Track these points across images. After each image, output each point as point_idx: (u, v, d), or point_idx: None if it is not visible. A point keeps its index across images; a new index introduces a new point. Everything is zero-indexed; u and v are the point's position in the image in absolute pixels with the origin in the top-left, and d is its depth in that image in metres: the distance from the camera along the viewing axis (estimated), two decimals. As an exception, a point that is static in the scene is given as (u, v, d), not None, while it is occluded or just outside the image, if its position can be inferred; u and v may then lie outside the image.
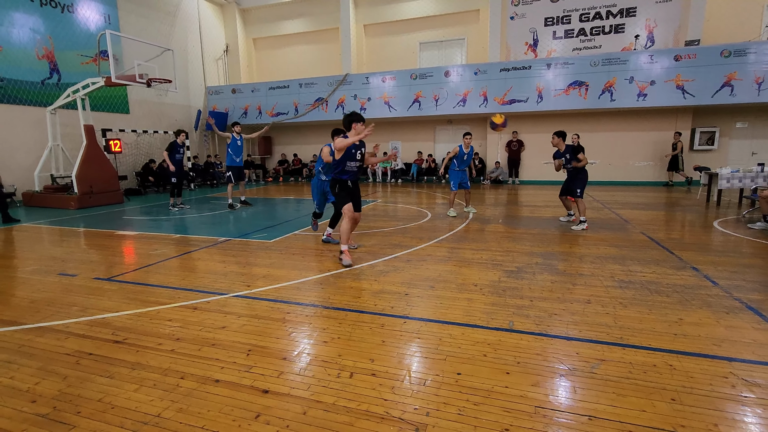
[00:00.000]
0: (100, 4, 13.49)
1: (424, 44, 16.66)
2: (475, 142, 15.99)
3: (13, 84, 11.30)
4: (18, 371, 2.60)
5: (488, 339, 2.93)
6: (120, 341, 3.00)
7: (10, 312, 3.61)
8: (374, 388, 2.36)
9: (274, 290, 4.03)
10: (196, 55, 17.37)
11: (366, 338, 2.98)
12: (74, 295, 4.01)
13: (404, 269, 4.65)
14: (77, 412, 2.18)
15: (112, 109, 13.93)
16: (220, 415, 2.13)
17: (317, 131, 18.30)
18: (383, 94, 15.23)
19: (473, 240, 6.06)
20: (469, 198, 8.77)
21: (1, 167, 10.82)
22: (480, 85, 13.98)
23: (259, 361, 2.69)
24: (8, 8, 11.16)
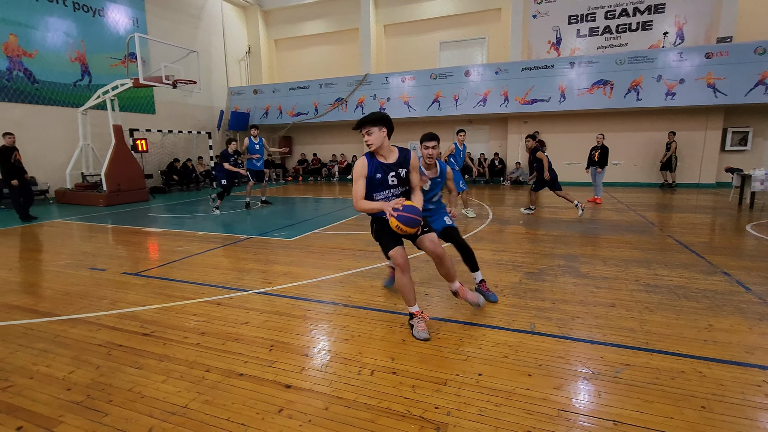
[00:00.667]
0: (128, 8, 13.93)
1: (445, 44, 16.58)
2: (494, 142, 15.87)
3: (47, 86, 11.77)
4: (54, 360, 2.72)
5: (509, 341, 2.91)
6: (148, 334, 3.10)
7: (46, 304, 3.77)
8: (395, 386, 2.37)
9: (295, 288, 4.09)
10: (219, 56, 17.74)
11: (386, 337, 3.00)
12: (104, 289, 4.16)
13: (423, 269, 4.64)
14: (109, 401, 2.26)
15: (139, 110, 14.35)
16: (244, 408, 2.18)
17: (337, 131, 18.44)
18: (403, 94, 15.23)
19: (493, 241, 6.01)
20: (467, 199, 8.52)
21: (36, 165, 11.30)
22: (501, 84, 13.83)
23: (281, 356, 2.73)
24: (44, 13, 11.64)
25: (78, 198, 11.16)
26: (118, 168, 11.14)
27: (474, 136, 16.37)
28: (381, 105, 15.57)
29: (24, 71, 11.26)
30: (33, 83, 11.45)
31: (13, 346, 2.93)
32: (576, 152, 13.93)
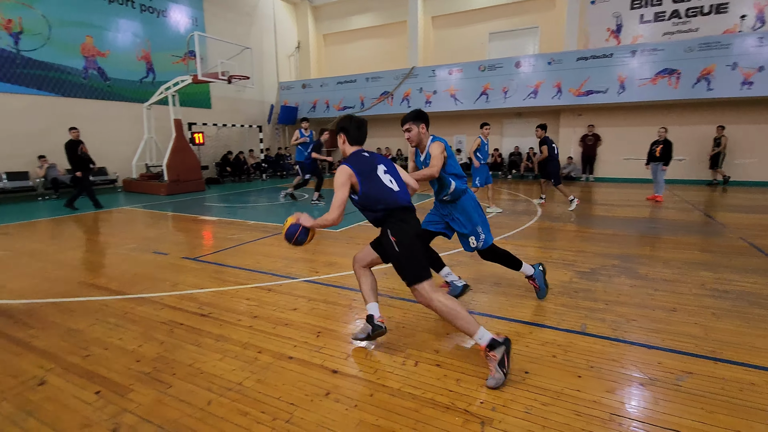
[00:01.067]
0: (189, 8, 14.71)
1: (494, 34, 16.10)
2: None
3: (117, 83, 12.74)
4: (125, 334, 2.98)
5: (558, 340, 2.82)
6: (205, 315, 3.31)
7: (117, 283, 4.12)
8: (439, 378, 2.38)
9: (341, 277, 4.19)
10: (270, 52, 18.33)
11: (430, 330, 3.01)
12: (166, 272, 4.48)
13: (468, 264, 4.59)
14: (173, 374, 2.45)
15: (197, 105, 15.17)
16: (294, 389, 2.28)
17: (382, 125, 18.50)
18: (449, 86, 14.99)
19: (541, 238, 5.81)
20: (493, 195, 8.31)
21: (107, 157, 12.30)
22: (554, 75, 13.24)
23: (328, 342, 2.82)
24: (115, 16, 12.57)
25: (142, 187, 12.04)
26: (178, 160, 11.88)
27: (523, 129, 15.84)
28: (427, 98, 15.44)
29: (98, 70, 12.25)
30: (105, 81, 12.44)
31: (90, 320, 3.24)
32: (635, 147, 13.12)
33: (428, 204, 9.29)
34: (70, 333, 3.01)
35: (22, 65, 10.59)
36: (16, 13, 10.43)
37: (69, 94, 11.59)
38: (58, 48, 11.28)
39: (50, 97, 11.19)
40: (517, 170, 15.38)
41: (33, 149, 10.69)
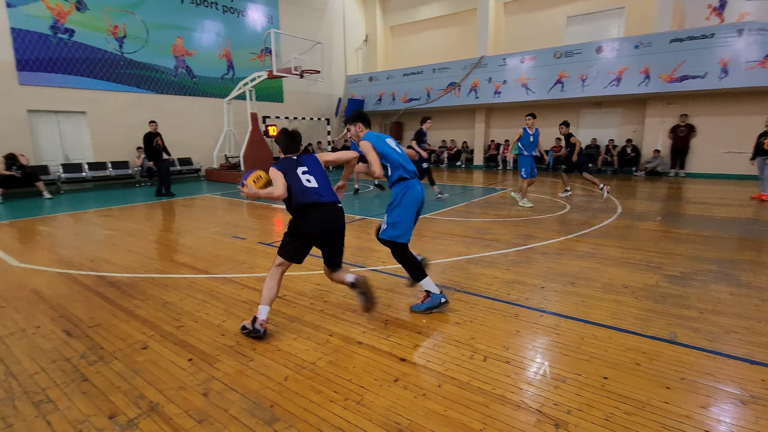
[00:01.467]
0: (265, 7, 15.49)
1: (573, 18, 15.04)
2: (629, 126, 14.07)
3: (202, 80, 13.83)
4: (211, 309, 3.26)
5: (642, 347, 2.61)
6: (280, 297, 3.51)
7: (203, 264, 4.50)
8: (509, 375, 2.32)
9: (407, 268, 4.21)
10: (339, 46, 18.76)
11: (499, 326, 2.93)
12: (244, 255, 4.81)
13: (539, 261, 4.39)
14: (253, 349, 2.64)
15: (270, 99, 16.00)
16: (363, 373, 2.36)
17: (448, 117, 18.22)
18: (521, 75, 14.32)
19: (623, 237, 5.38)
20: (526, 189, 7.90)
21: (193, 148, 13.45)
22: (641, 60, 12.09)
23: (395, 331, 2.87)
24: (201, 18, 13.60)
25: (222, 176, 13.01)
26: (254, 151, 12.65)
27: (602, 120, 14.71)
28: (496, 88, 14.90)
29: (186, 68, 13.37)
30: (192, 78, 13.55)
31: (181, 295, 3.59)
32: (736, 139, 11.65)
33: (495, 198, 9.01)
34: (165, 305, 3.35)
35: (124, 66, 11.87)
36: (121, 20, 11.70)
37: (161, 91, 12.80)
38: (153, 49, 12.49)
39: (146, 94, 12.45)
40: (594, 164, 14.32)
41: (132, 141, 11.98)
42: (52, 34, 10.44)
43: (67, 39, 10.70)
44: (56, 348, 2.68)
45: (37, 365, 2.48)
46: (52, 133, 10.96)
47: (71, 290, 3.73)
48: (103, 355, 2.57)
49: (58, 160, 11.02)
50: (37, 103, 10.40)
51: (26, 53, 10.06)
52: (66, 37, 10.68)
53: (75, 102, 11.06)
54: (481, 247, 4.95)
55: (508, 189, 10.17)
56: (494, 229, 5.89)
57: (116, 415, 2.01)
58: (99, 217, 7.27)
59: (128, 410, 2.05)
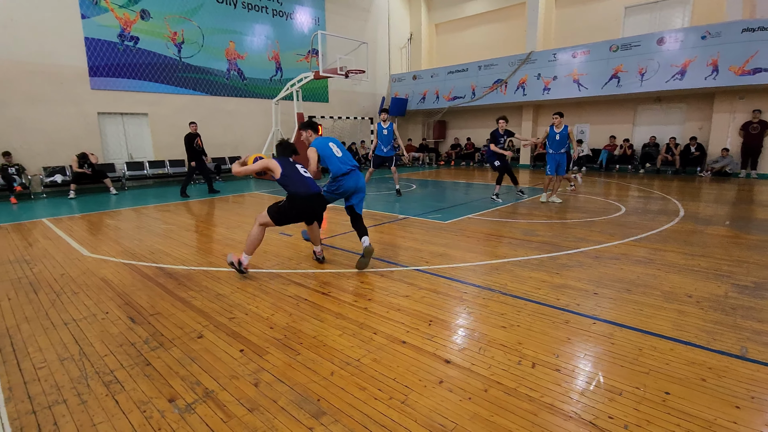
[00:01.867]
0: (312, 9, 15.85)
1: (631, 8, 14.18)
2: (695, 123, 13.11)
3: (252, 82, 14.39)
4: (260, 303, 3.39)
5: (709, 362, 2.42)
6: (326, 293, 3.58)
7: (252, 259, 4.66)
8: (559, 384, 2.23)
9: (451, 269, 4.17)
10: (383, 45, 18.84)
11: (548, 332, 2.82)
12: (291, 251, 4.96)
13: (592, 266, 4.18)
14: (300, 343, 2.71)
15: (316, 99, 16.37)
16: (407, 372, 2.35)
17: (493, 114, 17.75)
18: (572, 71, 13.70)
19: (686, 243, 5.01)
20: (558, 186, 8.16)
21: (243, 147, 14.03)
22: (708, 51, 11.18)
23: (439, 332, 2.84)
24: (252, 22, 14.15)
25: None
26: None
27: (662, 116, 13.78)
28: (545, 84, 14.35)
29: (237, 71, 13.97)
30: (243, 80, 14.14)
31: (233, 288, 3.75)
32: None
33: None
34: (218, 297, 3.53)
35: (182, 70, 12.60)
36: (180, 26, 12.41)
37: (215, 92, 13.46)
38: (208, 53, 13.15)
39: (201, 96, 13.13)
40: (653, 164, 13.45)
41: (189, 141, 12.67)
42: (120, 41, 11.27)
43: (132, 46, 11.51)
44: (122, 333, 2.89)
45: (106, 348, 2.69)
46: (118, 134, 11.84)
47: (134, 279, 4.01)
48: (163, 342, 2.75)
49: (122, 158, 11.90)
50: (105, 105, 11.27)
51: (97, 60, 10.93)
52: (131, 44, 11.49)
53: (138, 104, 11.88)
54: (529, 250, 4.79)
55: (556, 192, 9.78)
56: (542, 231, 5.68)
57: (175, 399, 2.14)
58: (158, 212, 7.77)
59: (186, 395, 2.17)
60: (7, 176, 9.34)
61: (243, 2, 13.82)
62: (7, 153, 9.49)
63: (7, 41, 9.60)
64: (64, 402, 2.14)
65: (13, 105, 9.81)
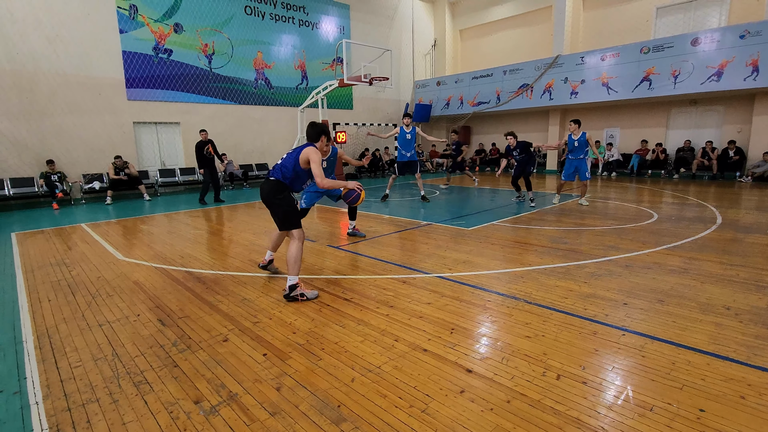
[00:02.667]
0: (337, 18, 16.11)
1: (663, 9, 13.74)
2: (734, 126, 12.56)
3: (279, 90, 14.72)
4: (284, 308, 3.44)
5: (749, 378, 2.29)
6: (348, 299, 3.60)
7: (276, 264, 4.74)
8: (586, 398, 2.15)
9: (474, 276, 4.11)
10: (407, 52, 18.93)
11: (575, 343, 2.74)
12: (315, 257, 5.01)
13: (622, 275, 4.04)
14: (321, 348, 2.73)
15: (341, 106, 16.58)
16: (428, 381, 2.33)
17: (519, 119, 17.55)
18: (602, 74, 13.36)
19: (724, 252, 4.78)
20: (585, 190, 8.37)
21: (269, 154, 14.35)
22: (747, 51, 10.69)
23: (462, 340, 2.80)
24: (280, 32, 14.51)
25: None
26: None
27: (697, 119, 13.23)
28: (573, 89, 14.05)
29: (264, 80, 14.33)
30: (270, 89, 14.49)
31: (257, 293, 3.83)
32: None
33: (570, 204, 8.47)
34: (243, 302, 3.60)
35: (212, 80, 13.03)
36: (211, 38, 12.87)
37: (243, 101, 13.84)
38: (237, 64, 13.56)
39: (230, 105, 13.54)
40: (688, 168, 12.91)
41: (219, 149, 13.06)
42: (154, 54, 11.78)
43: (166, 58, 12.00)
44: (152, 335, 3.00)
45: (137, 349, 2.79)
46: (152, 142, 12.34)
47: (165, 283, 4.15)
48: (191, 344, 2.83)
49: (156, 165, 12.38)
50: (140, 115, 11.78)
51: (133, 72, 11.46)
52: (165, 57, 11.99)
53: (171, 114, 12.36)
54: (556, 257, 4.68)
55: (584, 196, 9.52)
56: (570, 238, 5.53)
57: (201, 401, 2.19)
58: (188, 218, 8.03)
59: (211, 397, 2.22)
60: (50, 183, 9.88)
61: (271, 14, 14.20)
62: (50, 161, 10.04)
63: (52, 55, 10.20)
64: (97, 401, 2.23)
65: (56, 115, 10.40)
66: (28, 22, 9.82)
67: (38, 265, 4.98)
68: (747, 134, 12.20)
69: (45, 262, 5.10)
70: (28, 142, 10.10)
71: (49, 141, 10.37)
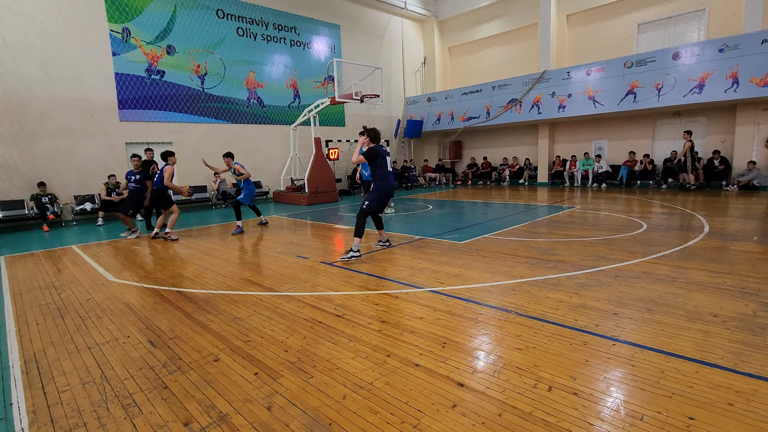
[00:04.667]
0: (328, 38, 16.41)
1: (644, 25, 14.18)
2: (717, 135, 12.87)
3: (271, 109, 14.87)
4: (275, 326, 3.43)
5: (736, 385, 2.31)
6: (340, 315, 3.60)
7: (268, 281, 4.76)
8: (576, 408, 2.16)
9: (466, 290, 4.13)
10: (397, 69, 19.27)
11: (565, 354, 2.76)
12: (306, 274, 5.01)
13: (611, 285, 4.08)
14: (313, 366, 2.72)
15: (333, 123, 16.75)
16: (420, 396, 2.33)
17: (509, 133, 17.82)
18: (587, 88, 13.68)
19: (710, 260, 4.85)
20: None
21: (263, 172, 14.39)
22: (727, 64, 11.03)
23: (453, 354, 2.81)
24: (271, 52, 14.74)
25: (288, 198, 13.73)
26: (317, 173, 13.24)
27: (683, 131, 13.52)
28: (560, 102, 14.35)
29: (257, 99, 14.48)
30: (262, 108, 14.63)
31: (249, 311, 3.81)
32: None
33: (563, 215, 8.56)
34: (235, 321, 3.58)
35: (205, 100, 13.15)
36: (203, 59, 13.03)
37: (235, 120, 13.95)
38: (229, 84, 13.71)
39: (223, 124, 13.63)
40: (675, 179, 13.14)
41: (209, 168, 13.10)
42: (147, 75, 11.89)
43: (158, 79, 12.12)
44: (142, 357, 2.97)
45: (126, 371, 2.76)
46: (145, 162, 12.33)
47: (156, 304, 4.12)
48: (181, 365, 2.80)
49: (148, 185, 12.35)
50: (133, 136, 11.81)
51: (126, 93, 11.54)
52: (158, 78, 12.10)
53: (164, 133, 12.40)
54: (546, 269, 4.72)
55: (576, 207, 9.64)
56: (560, 250, 5.59)
57: (190, 423, 2.17)
58: (180, 237, 7.99)
59: (201, 419, 2.20)
60: (41, 205, 9.81)
61: (263, 34, 14.44)
62: (42, 183, 10.00)
63: (44, 79, 10.26)
64: (84, 426, 2.20)
65: (47, 138, 10.40)
66: (20, 46, 9.90)
67: (27, 288, 4.93)
68: (730, 144, 12.49)
69: (34, 285, 5.05)
70: (20, 165, 10.07)
71: (41, 163, 10.34)
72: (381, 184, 5.69)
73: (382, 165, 5.71)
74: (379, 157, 5.69)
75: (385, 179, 5.72)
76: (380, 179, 5.71)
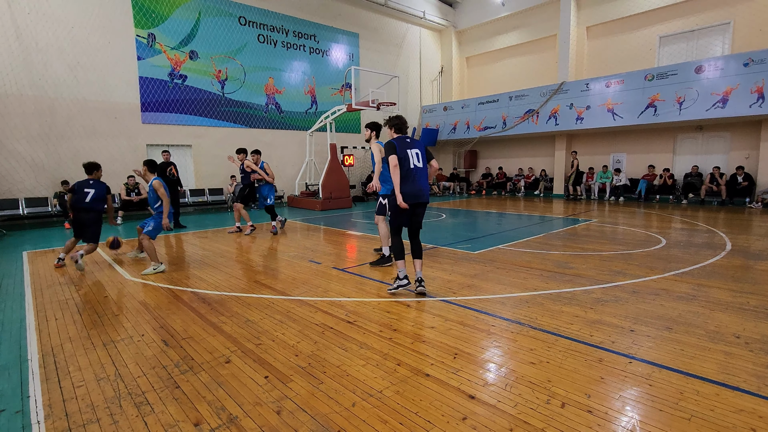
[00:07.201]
0: (347, 46, 16.61)
1: (666, 38, 13.99)
2: (741, 152, 12.55)
3: (289, 115, 15.08)
4: (287, 330, 3.44)
5: (761, 410, 2.22)
6: (351, 322, 3.59)
7: (281, 285, 4.79)
8: (591, 427, 2.11)
9: (479, 301, 4.09)
10: (414, 78, 19.36)
11: (580, 370, 2.70)
12: (319, 279, 5.02)
13: (629, 301, 3.99)
14: (323, 372, 2.72)
15: (349, 130, 16.88)
16: (430, 407, 2.30)
17: (525, 144, 17.69)
18: (606, 100, 13.52)
19: (734, 279, 4.70)
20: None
21: (278, 176, 14.53)
22: (752, 78, 10.78)
23: (465, 366, 2.77)
24: (291, 59, 14.98)
25: (302, 203, 13.85)
26: (331, 179, 13.33)
27: (704, 145, 13.25)
28: (578, 114, 14.20)
29: (275, 105, 14.71)
30: (280, 113, 14.84)
31: (261, 314, 3.84)
32: None
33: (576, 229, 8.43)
34: (247, 323, 3.61)
35: (224, 105, 13.41)
36: (225, 65, 13.32)
37: (253, 125, 14.18)
38: (249, 89, 13.97)
39: (241, 128, 13.86)
40: (696, 194, 12.84)
41: (226, 171, 13.32)
42: (170, 80, 12.20)
43: (180, 83, 12.42)
44: (155, 355, 3.01)
45: (139, 369, 2.79)
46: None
47: (170, 303, 4.18)
48: (193, 366, 2.83)
49: (167, 187, 12.60)
50: (154, 138, 12.10)
51: (149, 97, 11.85)
52: (180, 82, 12.41)
53: (184, 137, 12.67)
54: (561, 282, 4.64)
55: (593, 220, 9.48)
56: (576, 263, 5.49)
57: (200, 423, 2.18)
58: (196, 239, 8.12)
59: (211, 420, 2.21)
60: (63, 203, 10.09)
61: (282, 42, 14.70)
62: (65, 182, 10.29)
63: (72, 81, 10.61)
64: (98, 421, 2.23)
65: (73, 138, 10.73)
66: (51, 50, 10.27)
67: (47, 284, 5.05)
68: (755, 160, 12.16)
69: (54, 281, 5.17)
70: (45, 164, 10.40)
71: (65, 163, 10.66)
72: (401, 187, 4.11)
73: (401, 163, 4.13)
74: (395, 153, 4.13)
75: (404, 179, 4.11)
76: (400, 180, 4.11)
